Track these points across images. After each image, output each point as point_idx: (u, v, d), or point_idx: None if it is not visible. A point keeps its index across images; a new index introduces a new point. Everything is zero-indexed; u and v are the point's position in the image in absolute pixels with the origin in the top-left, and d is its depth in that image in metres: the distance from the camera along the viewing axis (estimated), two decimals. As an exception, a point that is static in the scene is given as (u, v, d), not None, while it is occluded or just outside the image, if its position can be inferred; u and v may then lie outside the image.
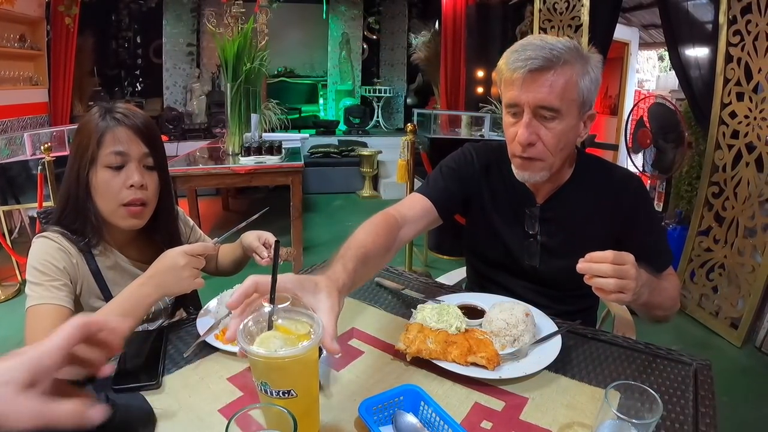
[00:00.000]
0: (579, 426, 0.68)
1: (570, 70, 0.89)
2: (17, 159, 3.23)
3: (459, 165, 1.15)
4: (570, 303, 1.09)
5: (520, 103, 0.92)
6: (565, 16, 3.27)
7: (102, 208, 0.92)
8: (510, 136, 0.98)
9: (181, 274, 0.81)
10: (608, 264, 0.75)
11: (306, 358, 0.57)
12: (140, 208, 0.93)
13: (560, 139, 0.93)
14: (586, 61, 0.91)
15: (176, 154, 4.27)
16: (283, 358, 0.55)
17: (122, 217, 0.92)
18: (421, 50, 6.16)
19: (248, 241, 1.16)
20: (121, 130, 0.89)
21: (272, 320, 0.60)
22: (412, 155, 2.81)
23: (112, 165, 0.89)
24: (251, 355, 0.56)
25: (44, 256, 0.88)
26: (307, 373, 0.59)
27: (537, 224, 1.07)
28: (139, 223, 0.95)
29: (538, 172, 0.98)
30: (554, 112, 0.90)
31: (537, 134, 0.92)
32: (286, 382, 0.57)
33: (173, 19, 6.15)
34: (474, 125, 4.92)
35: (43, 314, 0.81)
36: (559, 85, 0.89)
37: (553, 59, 0.87)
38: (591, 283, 0.76)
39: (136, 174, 0.90)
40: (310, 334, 0.59)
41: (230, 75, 3.17)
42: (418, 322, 0.87)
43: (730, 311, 2.46)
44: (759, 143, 2.30)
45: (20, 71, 4.21)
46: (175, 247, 0.84)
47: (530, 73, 0.88)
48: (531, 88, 0.89)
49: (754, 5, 2.23)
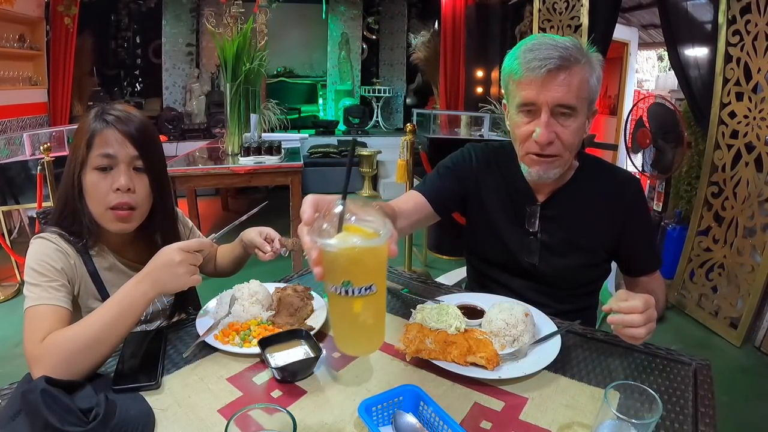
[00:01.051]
0: (578, 426, 0.68)
1: (582, 69, 0.91)
2: (16, 159, 3.24)
3: (456, 164, 1.16)
4: (569, 302, 1.10)
5: (538, 102, 0.92)
6: (565, 16, 3.28)
7: (92, 210, 0.91)
8: (523, 135, 0.98)
9: (177, 270, 0.80)
10: (639, 315, 0.78)
11: (382, 251, 0.59)
12: (128, 212, 0.91)
13: (575, 136, 0.96)
14: (590, 60, 0.94)
15: (176, 155, 4.27)
16: (367, 248, 0.57)
17: (110, 221, 0.91)
18: (421, 50, 6.15)
19: (249, 237, 1.15)
20: (110, 132, 0.88)
21: (342, 220, 0.60)
22: (412, 155, 2.82)
23: (100, 167, 0.89)
24: (333, 250, 0.57)
25: (42, 257, 0.87)
26: (382, 268, 0.62)
27: (537, 222, 1.08)
28: (128, 227, 0.93)
29: (554, 169, 0.99)
30: (571, 110, 0.92)
31: (555, 132, 0.94)
32: (368, 276, 0.58)
33: (172, 19, 6.15)
34: (473, 125, 4.92)
35: (41, 315, 0.81)
36: (575, 84, 0.91)
37: (569, 58, 0.90)
38: (621, 333, 0.80)
39: (122, 177, 0.89)
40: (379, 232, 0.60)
41: (229, 75, 3.16)
42: (418, 322, 0.87)
43: (729, 311, 2.46)
44: (758, 143, 2.30)
45: (19, 71, 4.20)
46: (172, 244, 0.83)
47: (549, 73, 0.89)
48: (550, 88, 0.91)
49: (754, 5, 2.23)
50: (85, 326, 0.78)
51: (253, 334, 0.87)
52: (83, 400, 0.64)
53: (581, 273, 1.09)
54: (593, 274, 1.12)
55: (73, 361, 0.74)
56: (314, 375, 0.79)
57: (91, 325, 0.77)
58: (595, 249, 1.08)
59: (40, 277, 0.85)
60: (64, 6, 4.40)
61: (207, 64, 6.30)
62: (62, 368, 0.73)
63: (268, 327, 0.91)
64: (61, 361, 0.73)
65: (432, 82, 6.27)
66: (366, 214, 0.61)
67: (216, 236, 0.93)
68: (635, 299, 0.79)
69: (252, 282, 1.00)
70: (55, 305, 0.83)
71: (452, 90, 5.77)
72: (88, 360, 0.76)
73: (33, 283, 0.85)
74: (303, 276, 1.20)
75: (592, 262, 1.08)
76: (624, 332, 0.80)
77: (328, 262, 0.58)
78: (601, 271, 1.13)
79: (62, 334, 0.77)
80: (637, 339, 0.80)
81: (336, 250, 0.57)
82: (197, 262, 0.84)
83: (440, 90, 5.87)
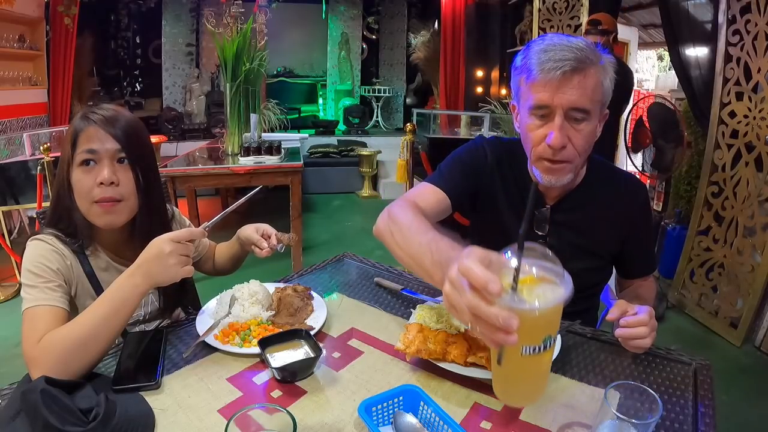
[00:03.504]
0: (578, 426, 0.68)
1: (596, 71, 0.88)
2: (16, 159, 3.23)
3: (473, 159, 1.11)
4: (571, 304, 1.09)
5: (552, 105, 0.89)
6: (565, 15, 3.28)
7: (80, 206, 0.92)
8: (537, 139, 0.93)
9: (168, 261, 0.80)
10: (646, 327, 0.80)
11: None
12: (112, 204, 0.91)
13: (588, 140, 0.93)
14: (602, 61, 0.90)
15: (175, 154, 4.27)
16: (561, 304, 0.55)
17: (97, 216, 0.91)
18: (421, 50, 6.16)
19: (246, 234, 1.14)
20: (92, 129, 0.90)
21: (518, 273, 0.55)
22: (412, 155, 2.82)
23: (84, 162, 0.90)
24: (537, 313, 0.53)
25: (38, 259, 0.87)
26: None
27: (547, 225, 1.06)
28: (115, 219, 0.93)
29: (566, 175, 0.96)
30: (585, 113, 0.89)
31: (568, 136, 0.90)
32: (556, 326, 0.57)
33: (172, 19, 6.15)
34: (473, 125, 4.92)
35: (38, 316, 0.81)
36: (590, 86, 0.88)
37: (584, 60, 0.86)
38: (628, 345, 0.83)
39: (105, 170, 0.89)
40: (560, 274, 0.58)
41: (229, 75, 3.16)
42: (418, 322, 0.87)
43: (729, 311, 2.46)
44: (758, 143, 2.30)
45: (19, 71, 4.20)
46: (162, 236, 0.82)
47: (564, 75, 0.86)
48: (565, 91, 0.87)
49: (753, 5, 2.23)
50: (79, 324, 0.78)
51: (253, 334, 0.87)
52: (83, 400, 0.64)
53: (586, 276, 1.08)
54: (597, 278, 1.12)
55: (70, 359, 0.74)
56: (314, 375, 0.79)
57: (85, 322, 0.77)
58: (601, 253, 1.08)
59: (36, 278, 0.85)
60: (64, 6, 4.40)
61: (207, 64, 6.30)
62: (59, 367, 0.73)
63: (268, 327, 0.90)
64: (57, 359, 0.73)
65: (432, 81, 6.27)
66: (539, 259, 0.58)
67: (208, 224, 0.91)
68: (642, 313, 0.81)
69: (252, 282, 1.00)
70: (52, 306, 0.83)
71: (452, 90, 5.77)
72: (84, 357, 0.75)
73: (29, 284, 0.85)
74: (303, 276, 1.20)
75: (597, 266, 1.09)
76: (631, 344, 0.82)
77: (528, 325, 0.53)
78: (604, 274, 1.13)
79: (57, 333, 0.77)
80: (643, 348, 0.83)
81: (540, 312, 0.53)
82: (189, 253, 0.83)
83: (440, 90, 5.87)
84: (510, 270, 0.55)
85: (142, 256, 0.81)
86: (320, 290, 1.07)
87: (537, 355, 0.55)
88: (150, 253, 0.81)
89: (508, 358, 0.56)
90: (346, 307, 1.04)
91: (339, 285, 1.15)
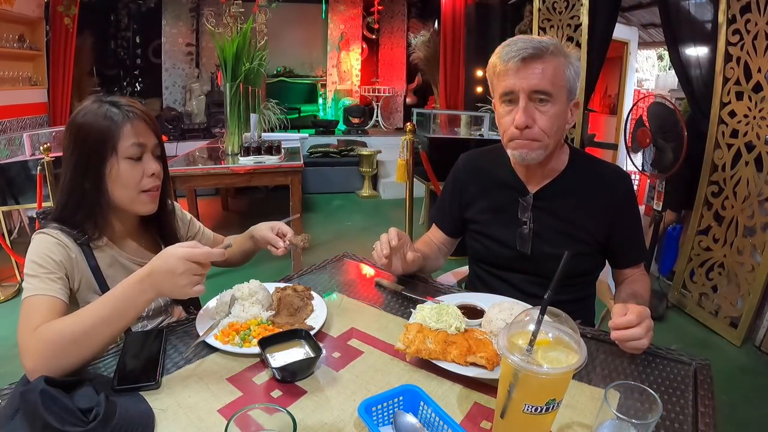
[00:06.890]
0: (579, 426, 0.68)
1: (556, 60, 0.99)
2: (16, 159, 3.23)
3: (452, 181, 1.28)
4: (567, 292, 1.13)
5: (515, 89, 1.00)
6: (565, 15, 3.27)
7: (121, 197, 0.96)
8: (506, 124, 1.05)
9: (179, 281, 0.78)
10: (639, 328, 0.81)
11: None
12: (157, 192, 1.01)
13: (553, 122, 1.01)
14: (567, 55, 1.01)
15: (175, 154, 4.26)
16: (571, 372, 0.56)
17: (143, 203, 0.98)
18: (421, 50, 6.15)
19: (261, 233, 1.17)
20: (138, 123, 0.94)
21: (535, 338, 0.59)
22: (412, 155, 2.82)
23: (133, 156, 0.94)
24: (547, 377, 0.55)
25: (43, 250, 0.88)
26: None
27: (529, 212, 1.12)
28: (155, 206, 1.02)
29: (535, 150, 1.03)
30: (547, 95, 0.99)
31: (532, 118, 1.00)
32: (562, 392, 0.58)
33: (172, 19, 6.14)
34: (473, 125, 4.91)
35: (36, 305, 0.82)
36: (550, 71, 0.98)
37: (542, 48, 0.97)
38: (626, 347, 0.84)
39: (154, 163, 0.97)
40: (577, 341, 0.59)
41: (229, 75, 3.17)
42: (418, 322, 0.87)
43: (729, 310, 2.46)
44: (758, 142, 2.30)
45: (19, 71, 4.20)
46: (177, 249, 0.80)
47: (523, 61, 0.97)
48: (525, 75, 0.98)
49: (753, 5, 2.23)
50: (77, 319, 0.77)
51: (253, 334, 0.87)
52: (83, 400, 0.64)
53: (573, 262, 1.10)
54: (586, 265, 1.15)
55: (61, 353, 0.74)
56: (314, 375, 0.79)
57: (84, 319, 0.77)
58: (586, 240, 1.11)
59: (39, 268, 0.86)
60: (63, 6, 4.40)
61: (207, 63, 6.29)
62: (50, 359, 0.73)
63: (268, 327, 0.90)
64: (50, 351, 0.73)
65: (432, 81, 6.26)
66: (560, 324, 0.61)
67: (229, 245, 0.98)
68: (630, 314, 0.82)
69: (252, 282, 1.00)
70: (51, 296, 0.84)
71: (452, 89, 5.77)
72: (76, 353, 0.75)
73: (31, 274, 0.86)
74: (303, 276, 1.20)
75: (583, 252, 1.12)
76: (628, 345, 0.83)
77: (535, 385, 0.55)
78: (593, 261, 1.16)
79: (54, 325, 0.77)
80: (641, 349, 0.84)
81: (548, 376, 0.54)
82: (203, 272, 0.81)
83: (440, 89, 5.86)
84: (529, 331, 0.59)
85: (152, 264, 0.79)
86: (320, 290, 1.07)
87: (539, 415, 0.58)
88: (163, 267, 0.78)
89: (510, 413, 0.59)
90: (346, 307, 1.04)
91: (339, 285, 1.15)
